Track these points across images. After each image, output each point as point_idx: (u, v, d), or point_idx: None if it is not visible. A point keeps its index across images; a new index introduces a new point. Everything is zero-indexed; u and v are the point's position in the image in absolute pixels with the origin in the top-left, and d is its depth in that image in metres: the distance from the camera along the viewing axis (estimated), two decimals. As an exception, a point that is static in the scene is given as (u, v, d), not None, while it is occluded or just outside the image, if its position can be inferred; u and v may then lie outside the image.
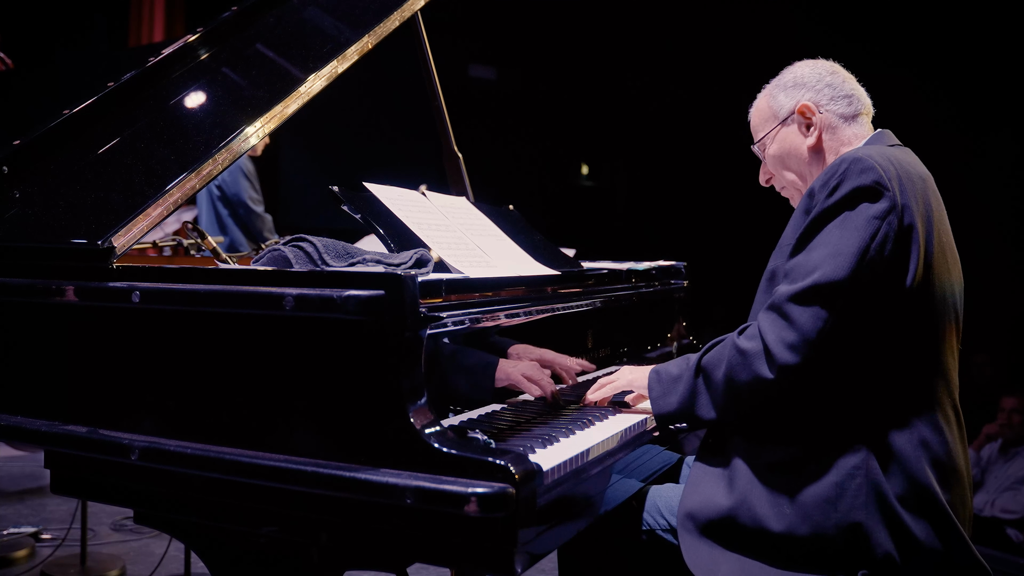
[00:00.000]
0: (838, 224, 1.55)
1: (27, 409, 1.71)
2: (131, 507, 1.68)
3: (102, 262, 1.61)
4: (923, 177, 1.67)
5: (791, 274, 1.58)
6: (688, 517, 1.64)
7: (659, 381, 1.72)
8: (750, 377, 1.55)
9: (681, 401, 1.67)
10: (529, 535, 1.35)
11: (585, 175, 9.67)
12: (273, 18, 2.31)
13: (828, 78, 1.83)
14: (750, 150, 1.93)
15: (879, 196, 1.54)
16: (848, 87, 1.83)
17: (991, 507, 4.36)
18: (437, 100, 2.63)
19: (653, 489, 1.83)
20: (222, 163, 1.79)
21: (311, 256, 1.60)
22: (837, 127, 1.80)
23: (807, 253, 1.57)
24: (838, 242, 1.53)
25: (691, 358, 1.70)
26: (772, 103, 1.86)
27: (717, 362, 1.62)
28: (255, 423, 1.47)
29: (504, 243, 2.14)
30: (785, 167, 1.86)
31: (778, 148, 1.86)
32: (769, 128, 1.87)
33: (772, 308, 1.56)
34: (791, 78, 1.85)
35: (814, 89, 1.82)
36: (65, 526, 3.71)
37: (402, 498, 1.30)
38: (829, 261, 1.52)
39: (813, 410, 1.58)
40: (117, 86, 2.07)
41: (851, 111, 1.81)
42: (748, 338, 1.58)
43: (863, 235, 1.52)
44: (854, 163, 1.56)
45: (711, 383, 1.63)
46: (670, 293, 2.67)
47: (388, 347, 1.36)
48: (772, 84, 1.89)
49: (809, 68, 1.86)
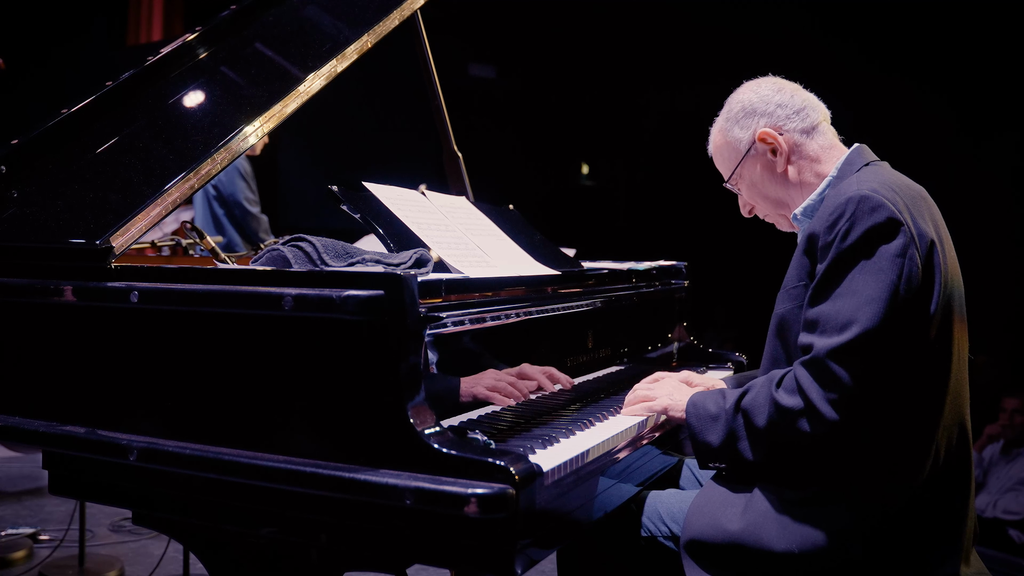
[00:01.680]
0: (860, 269, 1.50)
1: (25, 410, 1.70)
2: (129, 508, 1.68)
3: (100, 262, 1.61)
4: (923, 197, 1.66)
5: (822, 326, 1.53)
6: (693, 543, 1.63)
7: (697, 416, 1.69)
8: (794, 434, 1.53)
9: (721, 441, 1.65)
10: (529, 536, 1.35)
11: (585, 174, 9.66)
12: (272, 17, 2.31)
13: (776, 97, 1.80)
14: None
15: (896, 232, 1.51)
16: (798, 100, 1.80)
17: (993, 508, 4.35)
18: (437, 99, 2.62)
19: (653, 494, 1.82)
20: (221, 163, 1.79)
21: (310, 256, 1.59)
22: (802, 144, 1.78)
23: (833, 302, 1.52)
24: (865, 289, 1.49)
25: (728, 396, 1.67)
26: (729, 138, 1.84)
27: (758, 411, 1.59)
28: (254, 424, 1.46)
29: (504, 243, 2.13)
30: (763, 197, 1.84)
31: (750, 180, 1.84)
32: (735, 164, 1.84)
33: (812, 364, 1.52)
34: (739, 109, 1.82)
35: (766, 113, 1.79)
36: (63, 527, 3.71)
37: (401, 499, 1.29)
38: (864, 310, 1.48)
39: (845, 451, 1.56)
40: (115, 85, 2.06)
41: (809, 124, 1.78)
42: (788, 392, 1.55)
43: (890, 277, 1.48)
44: (862, 202, 1.52)
45: (752, 430, 1.60)
46: (671, 293, 2.66)
47: (387, 347, 1.36)
48: (722, 120, 1.87)
49: (752, 92, 1.83)
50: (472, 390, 1.75)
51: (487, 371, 1.78)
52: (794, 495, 1.59)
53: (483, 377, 1.77)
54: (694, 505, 1.69)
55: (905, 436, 1.56)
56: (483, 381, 1.77)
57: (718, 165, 1.91)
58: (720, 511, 1.64)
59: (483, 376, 1.77)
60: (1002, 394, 4.80)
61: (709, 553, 1.61)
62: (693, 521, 1.66)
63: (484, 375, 1.77)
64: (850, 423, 1.49)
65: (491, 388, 1.77)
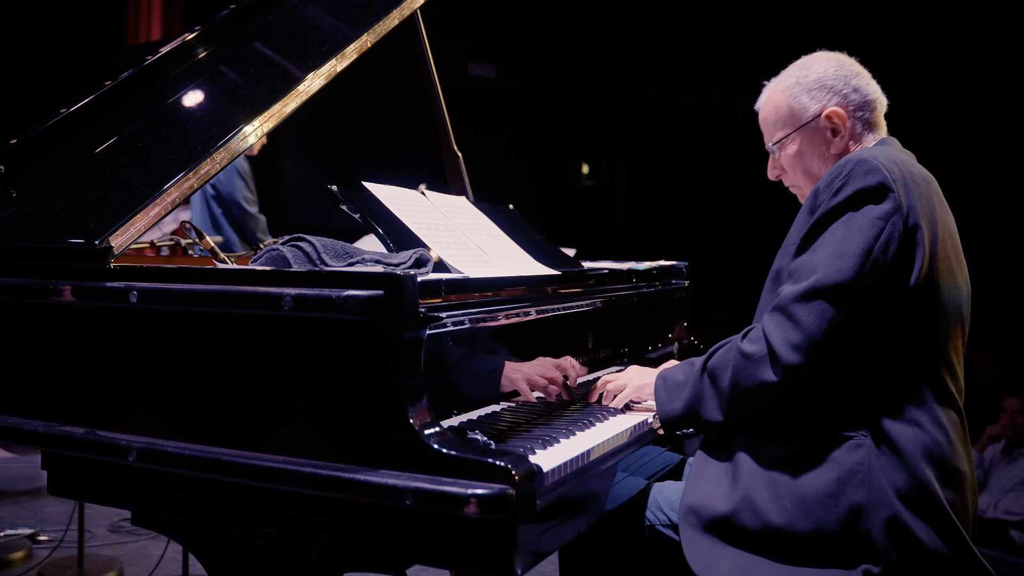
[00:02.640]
0: (842, 224, 1.54)
1: (24, 410, 1.70)
2: (129, 508, 1.67)
3: (99, 262, 1.61)
4: (927, 180, 1.66)
5: (795, 274, 1.57)
6: (690, 512, 1.64)
7: (666, 387, 1.72)
8: (755, 381, 1.55)
9: (687, 405, 1.67)
10: (529, 537, 1.35)
11: (586, 174, 9.66)
12: (272, 16, 2.30)
13: (854, 81, 1.77)
14: (762, 148, 1.87)
15: (884, 197, 1.54)
16: (871, 89, 1.78)
17: (994, 508, 4.34)
18: (437, 99, 2.62)
19: (656, 486, 1.83)
20: (220, 162, 1.78)
21: (310, 256, 1.59)
22: (861, 135, 1.78)
23: (811, 253, 1.56)
24: (842, 242, 1.53)
25: (696, 362, 1.69)
26: (794, 103, 1.78)
27: (723, 366, 1.62)
28: (253, 424, 1.46)
29: (504, 243, 2.13)
30: (805, 170, 1.82)
31: (799, 150, 1.80)
32: (790, 130, 1.80)
33: (776, 309, 1.56)
34: (815, 78, 1.78)
35: (841, 94, 1.76)
36: (62, 528, 3.70)
37: (401, 499, 1.29)
38: (834, 261, 1.52)
39: (816, 407, 1.58)
40: (115, 85, 2.06)
41: (874, 117, 1.79)
42: (752, 341, 1.58)
43: (867, 235, 1.52)
44: (859, 164, 1.56)
45: (717, 387, 1.63)
46: (671, 293, 2.66)
47: (387, 348, 1.35)
48: (791, 81, 1.80)
49: (834, 67, 1.78)
50: (514, 379, 1.81)
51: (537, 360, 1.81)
52: (774, 452, 1.59)
53: (524, 367, 1.82)
54: (688, 481, 1.70)
55: (879, 403, 1.55)
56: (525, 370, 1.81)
57: (766, 124, 1.85)
58: (712, 482, 1.64)
59: (524, 365, 1.82)
60: (1003, 395, 4.80)
61: (706, 521, 1.61)
62: (688, 494, 1.66)
63: (524, 365, 1.82)
64: (811, 371, 1.51)
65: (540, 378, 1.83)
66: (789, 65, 1.85)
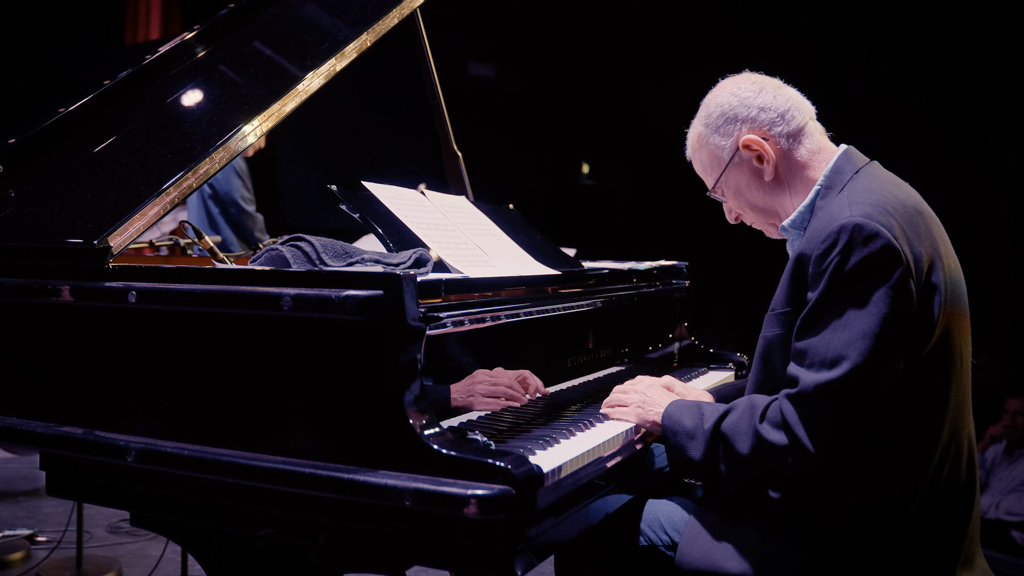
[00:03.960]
0: (853, 302, 1.44)
1: (23, 410, 1.69)
2: (127, 509, 1.67)
3: (98, 262, 1.60)
4: (919, 210, 1.57)
5: (810, 358, 1.48)
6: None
7: (673, 432, 1.65)
8: (780, 466, 1.50)
9: (701, 462, 1.60)
10: (529, 537, 1.34)
11: (586, 174, 9.66)
12: (271, 15, 2.30)
13: (758, 100, 1.68)
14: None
15: (891, 262, 1.44)
16: (781, 100, 1.68)
17: (995, 509, 4.33)
18: (436, 98, 2.61)
19: (651, 502, 1.80)
20: (219, 162, 1.78)
21: (309, 256, 1.58)
22: (789, 150, 1.67)
23: (823, 335, 1.46)
24: (857, 323, 1.43)
25: (705, 414, 1.61)
26: (710, 146, 1.73)
27: (737, 436, 1.54)
28: (252, 424, 1.46)
29: (504, 242, 2.12)
30: (751, 206, 1.75)
31: (736, 188, 1.73)
32: (718, 173, 1.73)
33: (799, 399, 1.47)
34: (718, 114, 1.70)
35: (748, 119, 1.67)
36: (61, 528, 3.69)
37: (401, 500, 1.28)
38: (855, 346, 1.43)
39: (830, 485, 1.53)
40: (113, 84, 2.05)
41: (796, 127, 1.67)
42: (773, 427, 1.50)
43: (883, 310, 1.42)
44: (856, 231, 1.44)
45: (733, 457, 1.55)
46: (671, 293, 2.65)
47: (387, 348, 1.35)
48: (699, 125, 1.75)
49: (730, 95, 1.71)
50: (466, 401, 1.72)
51: (477, 373, 1.75)
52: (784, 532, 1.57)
53: (475, 385, 1.74)
54: (686, 535, 1.67)
55: (898, 467, 1.52)
56: (476, 389, 1.74)
57: (699, 172, 1.80)
58: (715, 547, 1.62)
59: (474, 384, 1.74)
60: (1005, 395, 4.79)
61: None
62: (687, 553, 1.64)
63: (474, 383, 1.74)
64: (837, 459, 1.46)
65: (487, 395, 1.74)
66: (700, 106, 1.78)
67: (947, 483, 1.55)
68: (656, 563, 1.73)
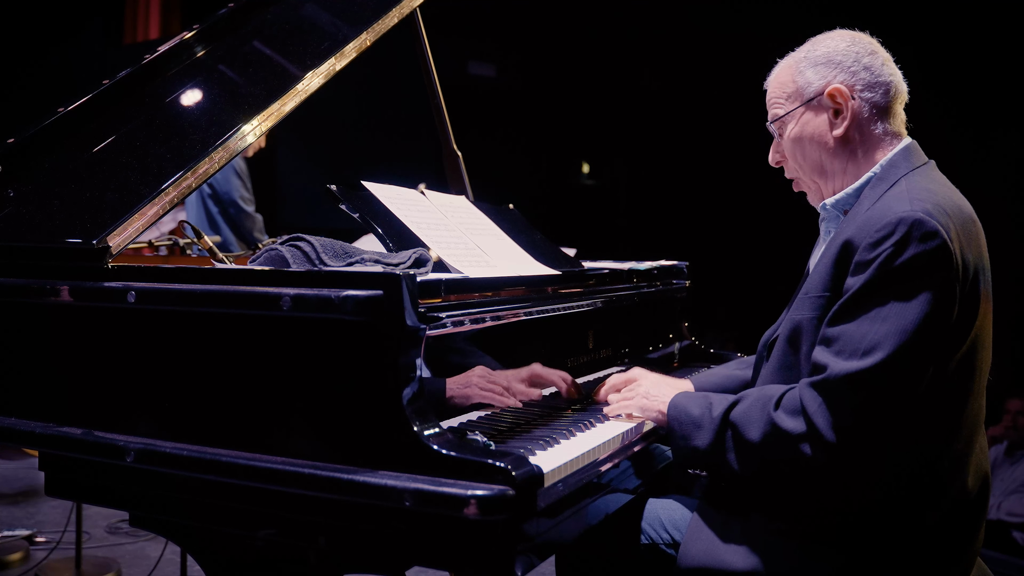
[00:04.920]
0: (899, 295, 1.41)
1: (21, 411, 1.69)
2: (127, 510, 1.67)
3: (97, 262, 1.60)
4: (973, 219, 1.55)
5: (840, 346, 1.44)
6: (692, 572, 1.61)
7: (679, 422, 1.62)
8: (793, 456, 1.46)
9: (707, 450, 1.57)
10: (529, 538, 1.34)
11: (586, 173, 9.65)
12: (270, 15, 2.30)
13: (866, 59, 1.63)
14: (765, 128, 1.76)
15: (944, 264, 1.41)
16: (887, 72, 1.64)
17: (997, 510, 4.32)
18: (436, 98, 2.61)
19: (652, 501, 1.80)
20: (219, 162, 1.78)
21: (309, 256, 1.58)
22: (869, 121, 1.63)
23: (860, 323, 1.43)
24: (899, 318, 1.40)
25: (714, 404, 1.59)
26: (798, 78, 1.67)
27: (748, 424, 1.52)
28: (252, 425, 1.45)
29: (504, 242, 2.12)
30: (804, 155, 1.68)
31: (799, 131, 1.67)
32: (791, 107, 1.68)
33: (823, 387, 1.43)
34: (823, 52, 1.65)
35: (849, 71, 1.62)
36: (60, 529, 3.69)
37: (400, 500, 1.28)
38: (892, 339, 1.39)
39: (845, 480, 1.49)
40: (112, 84, 2.05)
41: (886, 101, 1.63)
42: (789, 414, 1.46)
43: (925, 309, 1.40)
44: (915, 226, 1.41)
45: (742, 445, 1.53)
46: (672, 293, 2.65)
47: (386, 348, 1.35)
48: (799, 56, 1.70)
49: (846, 43, 1.66)
50: (465, 394, 1.70)
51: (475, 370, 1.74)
52: (791, 527, 1.55)
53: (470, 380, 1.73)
54: (689, 532, 1.66)
55: (910, 470, 1.50)
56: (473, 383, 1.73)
57: (771, 99, 1.73)
58: (718, 543, 1.61)
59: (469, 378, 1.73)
60: (1005, 396, 4.78)
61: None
62: (689, 550, 1.63)
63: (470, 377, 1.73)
64: (851, 453, 1.43)
65: (484, 389, 1.74)
66: (807, 40, 1.74)
67: (959, 492, 1.54)
68: (657, 562, 1.73)
